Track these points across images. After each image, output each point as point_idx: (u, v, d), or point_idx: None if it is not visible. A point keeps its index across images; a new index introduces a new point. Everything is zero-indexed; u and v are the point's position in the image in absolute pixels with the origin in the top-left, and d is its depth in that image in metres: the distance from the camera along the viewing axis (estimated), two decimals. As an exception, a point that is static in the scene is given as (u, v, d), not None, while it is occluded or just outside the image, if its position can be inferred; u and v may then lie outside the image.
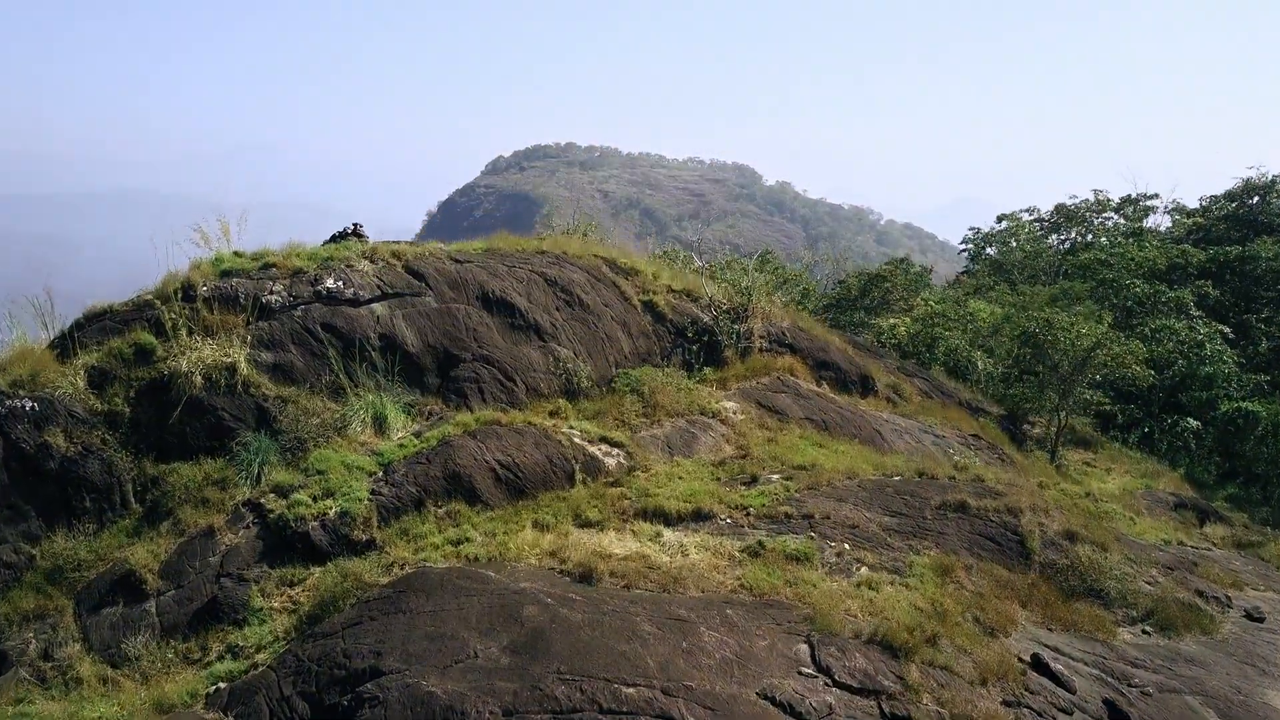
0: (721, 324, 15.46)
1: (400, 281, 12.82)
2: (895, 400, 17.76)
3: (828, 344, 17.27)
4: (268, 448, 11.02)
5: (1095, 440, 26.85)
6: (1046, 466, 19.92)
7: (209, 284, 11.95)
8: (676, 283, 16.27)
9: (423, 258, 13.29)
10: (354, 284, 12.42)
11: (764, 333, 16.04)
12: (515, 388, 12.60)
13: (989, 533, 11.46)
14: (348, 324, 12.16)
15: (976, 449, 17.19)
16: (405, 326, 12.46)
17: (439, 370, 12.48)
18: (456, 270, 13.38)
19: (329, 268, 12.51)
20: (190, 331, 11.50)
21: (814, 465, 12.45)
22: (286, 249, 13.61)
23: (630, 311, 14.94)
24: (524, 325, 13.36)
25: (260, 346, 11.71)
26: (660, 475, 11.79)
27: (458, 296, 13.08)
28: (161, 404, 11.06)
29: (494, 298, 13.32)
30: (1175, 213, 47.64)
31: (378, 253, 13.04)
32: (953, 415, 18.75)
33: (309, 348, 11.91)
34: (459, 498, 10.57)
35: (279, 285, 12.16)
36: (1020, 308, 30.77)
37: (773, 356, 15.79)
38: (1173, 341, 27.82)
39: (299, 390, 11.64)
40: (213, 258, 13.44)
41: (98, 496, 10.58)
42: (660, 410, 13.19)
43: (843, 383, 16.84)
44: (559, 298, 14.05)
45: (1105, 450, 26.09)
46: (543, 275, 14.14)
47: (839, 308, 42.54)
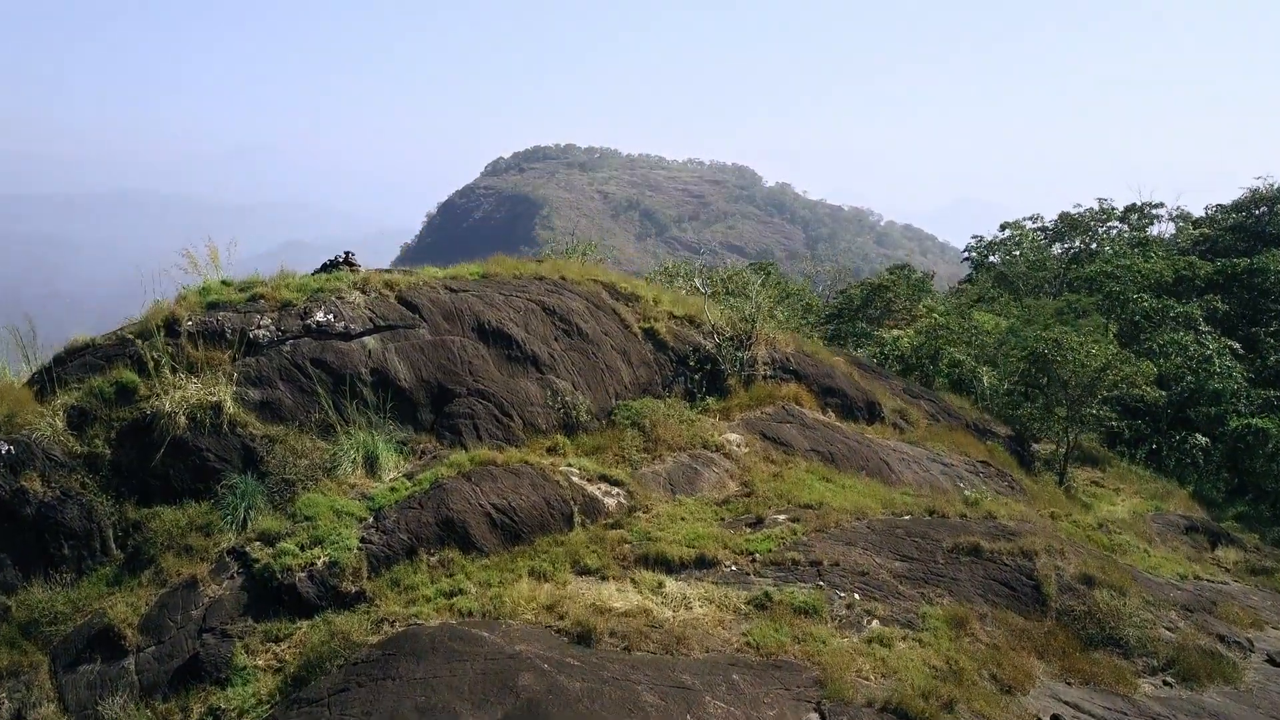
0: (724, 352, 15.04)
1: (393, 313, 12.40)
2: (902, 426, 17.33)
3: (833, 369, 16.85)
4: (254, 491, 10.60)
5: (1102, 457, 26.46)
6: (1055, 491, 19.51)
7: (194, 318, 11.54)
8: (678, 308, 15.85)
9: (416, 288, 12.87)
10: (345, 317, 12.00)
11: (768, 359, 15.61)
12: (512, 423, 12.19)
13: (1003, 578, 11.05)
14: (338, 359, 11.74)
15: (985, 477, 16.77)
16: (398, 360, 12.04)
17: (433, 406, 12.07)
18: (451, 300, 12.96)
19: (319, 300, 12.09)
20: (174, 369, 11.08)
21: (821, 504, 12.03)
22: (276, 279, 13.19)
23: (631, 340, 14.52)
24: (521, 357, 12.94)
25: (247, 383, 11.29)
26: (662, 516, 11.37)
27: (453, 328, 12.66)
28: (144, 445, 10.64)
29: (490, 328, 12.90)
30: (1179, 219, 47.26)
31: (370, 283, 12.62)
32: (960, 440, 18.32)
33: (298, 384, 11.49)
34: (452, 545, 10.15)
35: (267, 319, 11.74)
36: (1025, 321, 30.40)
37: (777, 384, 15.36)
38: (1181, 357, 27.42)
39: (287, 429, 11.22)
40: (199, 287, 13.05)
41: (76, 543, 10.16)
42: (662, 444, 12.78)
43: (849, 409, 16.42)
44: (557, 327, 13.63)
45: (1113, 468, 25.70)
46: (540, 304, 13.72)
47: (841, 317, 42.13)
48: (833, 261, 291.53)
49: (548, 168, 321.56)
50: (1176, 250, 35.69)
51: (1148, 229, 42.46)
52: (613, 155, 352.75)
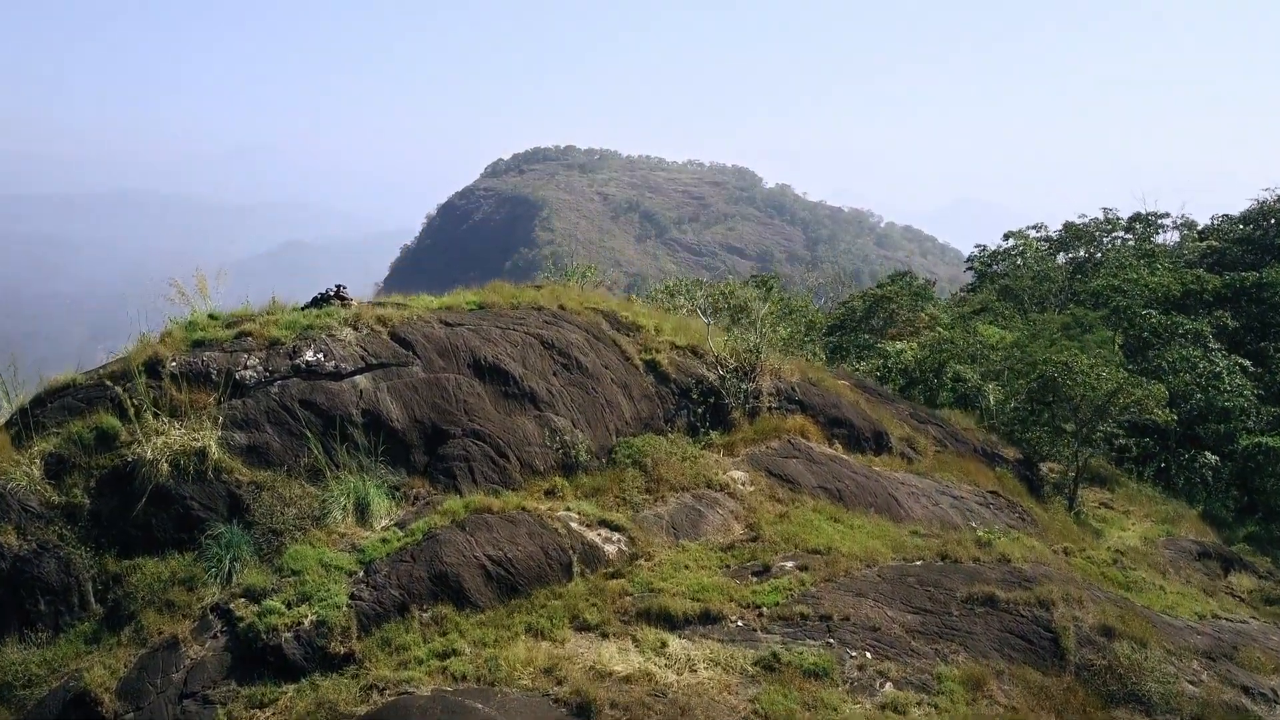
0: (728, 384, 14.61)
1: (385, 351, 11.97)
2: (910, 455, 16.90)
3: (839, 399, 16.41)
4: (240, 541, 10.17)
5: (1110, 476, 26.02)
6: (1066, 518, 19.09)
7: (178, 358, 11.10)
8: (680, 338, 15.41)
9: (410, 323, 12.43)
10: (335, 355, 11.57)
11: (773, 390, 15.18)
12: (508, 465, 11.75)
13: (1020, 630, 10.62)
14: (328, 400, 11.31)
15: (996, 509, 16.34)
16: (390, 400, 11.61)
17: (427, 447, 11.63)
18: (446, 335, 12.53)
19: (309, 338, 11.66)
20: (157, 412, 10.65)
21: (829, 549, 11.59)
22: (264, 314, 12.76)
23: (632, 373, 14.08)
24: (518, 394, 12.50)
25: (233, 427, 10.86)
26: (665, 564, 10.94)
27: (447, 365, 12.23)
28: (125, 494, 10.21)
29: (486, 364, 12.47)
30: (1183, 227, 46.83)
31: (361, 318, 12.19)
32: (969, 468, 17.89)
33: (286, 427, 11.05)
34: (446, 600, 9.72)
35: (254, 359, 11.30)
36: (1031, 335, 29.97)
37: (782, 416, 14.93)
38: (1190, 374, 27.00)
39: (275, 474, 10.79)
40: (186, 321, 12.63)
41: (53, 599, 9.72)
42: (664, 485, 12.34)
43: (856, 440, 15.99)
44: (556, 361, 13.19)
45: (1122, 488, 25.27)
46: (539, 337, 13.28)
47: (844, 329, 41.72)
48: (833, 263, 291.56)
49: (547, 169, 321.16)
50: (1183, 262, 35.25)
51: (1153, 238, 42.04)
52: (612, 156, 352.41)
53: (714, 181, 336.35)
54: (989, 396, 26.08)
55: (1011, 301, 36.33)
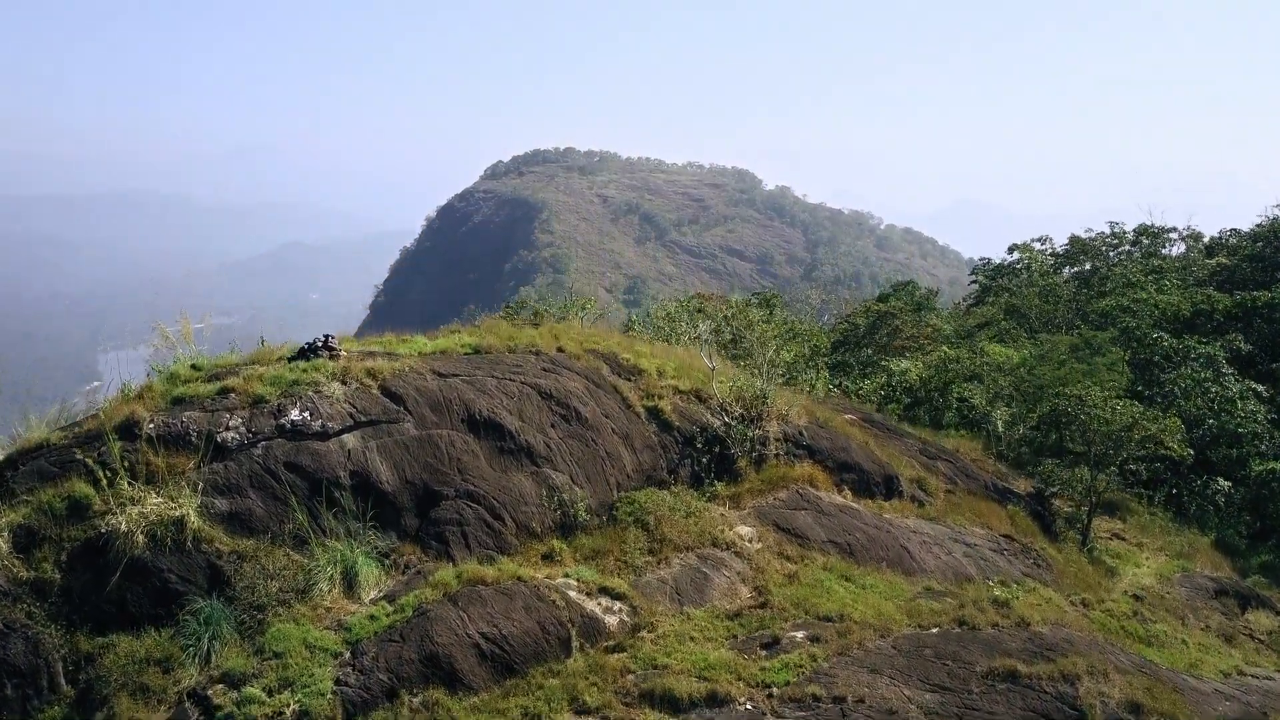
0: (734, 432, 14.05)
1: (375, 407, 11.41)
2: (921, 499, 16.35)
3: (849, 441, 15.86)
4: (220, 617, 9.60)
5: (1120, 503, 25.48)
6: (1080, 559, 18.54)
7: (156, 419, 10.54)
8: (684, 381, 14.85)
9: (401, 375, 11.87)
10: (322, 413, 11.01)
11: (780, 435, 14.63)
12: (503, 528, 11.20)
13: (1044, 709, 10.06)
14: (314, 461, 10.75)
15: (1010, 555, 15.80)
16: (380, 461, 11.05)
17: (418, 509, 11.08)
18: (439, 387, 11.97)
19: (294, 395, 11.09)
20: (133, 478, 10.09)
21: (842, 615, 11.04)
22: (250, 362, 12.20)
23: (633, 421, 13.53)
24: (515, 449, 11.95)
25: (214, 492, 10.30)
26: (669, 636, 10.38)
27: (440, 420, 11.67)
28: (98, 567, 9.65)
29: (481, 418, 11.91)
30: (1189, 239, 46.34)
31: (350, 372, 11.62)
32: (981, 508, 17.35)
33: (270, 491, 10.49)
34: (437, 683, 9.16)
35: (237, 418, 10.74)
36: (1039, 357, 29.44)
37: (790, 464, 14.38)
38: (1202, 399, 26.48)
39: (258, 543, 10.23)
40: (167, 373, 12.08)
41: (21, 682, 9.15)
42: (667, 545, 11.79)
43: (866, 485, 15.43)
44: (554, 412, 12.64)
45: (1134, 517, 24.74)
46: (536, 387, 12.72)
47: (846, 345, 41.18)
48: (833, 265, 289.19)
49: (547, 171, 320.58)
50: (1192, 279, 34.71)
51: (1160, 251, 41.53)
52: (612, 158, 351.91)
53: (714, 183, 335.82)
54: (997, 422, 25.54)
55: (1018, 320, 35.78)
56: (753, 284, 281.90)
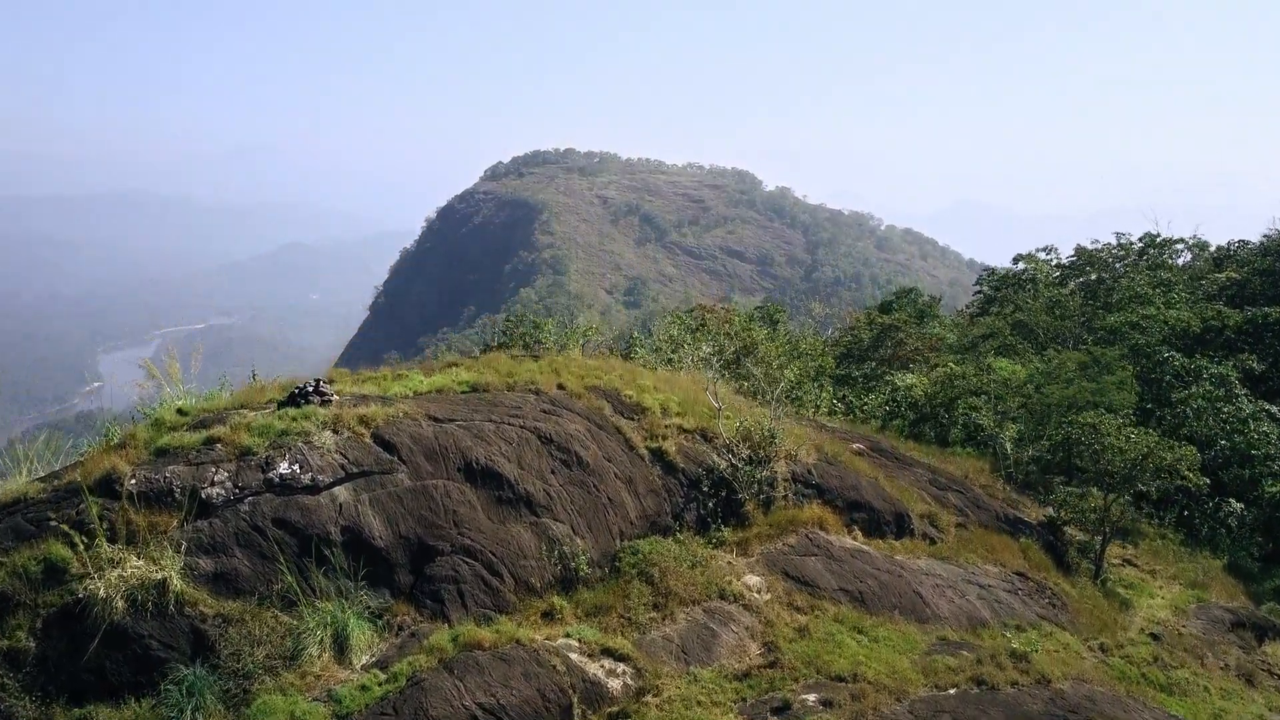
0: (741, 474, 13.57)
1: (368, 457, 10.94)
2: (932, 536, 15.88)
3: (859, 479, 15.38)
4: (204, 686, 9.12)
5: (1131, 526, 25.02)
6: (1094, 593, 18.05)
7: (138, 475, 10.06)
8: (689, 419, 14.38)
9: (395, 422, 11.39)
10: (312, 466, 10.54)
11: (788, 475, 14.17)
12: (501, 585, 10.73)
13: (1069, 780, 9.62)
14: (304, 517, 10.28)
15: (1025, 595, 15.32)
16: (373, 515, 10.58)
17: (412, 566, 10.61)
18: (435, 434, 11.49)
19: (283, 446, 10.62)
20: (113, 538, 9.62)
21: (855, 675, 10.58)
22: (238, 409, 11.73)
23: (637, 464, 13.06)
24: (513, 498, 11.48)
25: (199, 551, 9.83)
26: (675, 701, 9.91)
27: (436, 469, 11.20)
28: (76, 635, 9.17)
29: (479, 467, 11.44)
30: (1195, 248, 45.86)
31: (342, 420, 11.14)
32: (993, 543, 16.88)
33: (257, 550, 10.02)
34: (432, 761, 8.70)
35: (223, 472, 10.27)
36: (1047, 375, 28.98)
37: (799, 506, 13.91)
38: (1214, 419, 26.00)
39: (244, 605, 9.75)
40: (152, 419, 11.62)
41: (-7, 759, 8.70)
42: (673, 599, 11.32)
43: (876, 524, 14.97)
44: (555, 458, 12.16)
45: (1145, 542, 24.26)
46: (536, 431, 12.25)
47: (850, 358, 40.68)
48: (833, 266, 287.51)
49: (547, 172, 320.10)
50: (1201, 294, 34.21)
51: (1166, 262, 41.03)
52: (612, 159, 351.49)
53: (714, 184, 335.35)
54: (1006, 444, 25.07)
55: (1025, 336, 35.28)
56: (753, 285, 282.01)
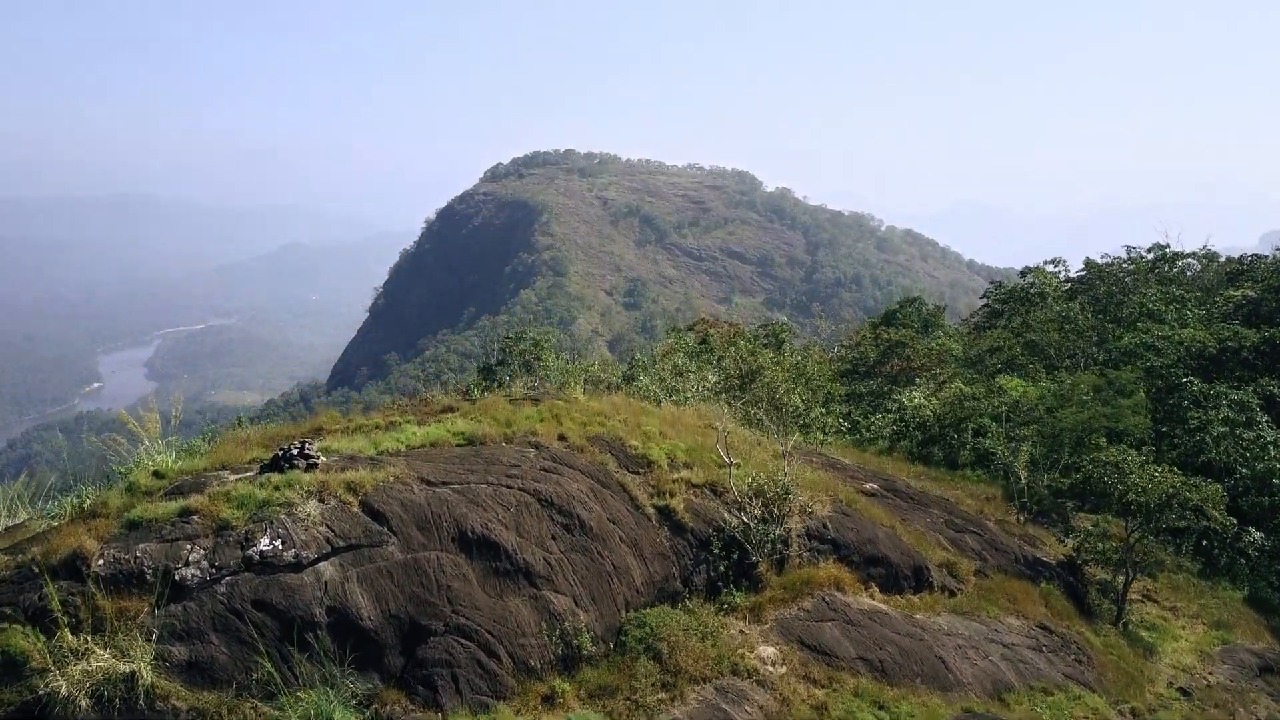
0: (754, 533, 12.83)
1: (356, 529, 10.19)
2: (952, 588, 15.16)
3: (875, 530, 14.64)
4: (175, 792, 8.41)
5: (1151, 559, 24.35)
6: (1119, 641, 17.35)
7: (106, 554, 9.33)
8: (697, 473, 13.63)
9: (386, 489, 10.64)
10: (295, 541, 9.80)
11: (802, 530, 13.43)
12: (499, 668, 9.98)
13: None
14: (286, 598, 9.54)
15: (1050, 651, 14.59)
16: (361, 593, 9.84)
17: (403, 647, 9.87)
18: (428, 500, 10.75)
19: (264, 520, 9.87)
20: (77, 628, 8.88)
21: (878, 763, 9.86)
22: (218, 470, 11.00)
23: (643, 525, 12.32)
24: (511, 569, 10.74)
25: (172, 639, 9.08)
26: (685, 800, 9.19)
27: (429, 540, 10.46)
28: (35, 735, 8.45)
29: (474, 536, 10.69)
30: (1204, 259, 45.17)
31: (328, 487, 10.40)
32: (1013, 591, 16.16)
33: (235, 635, 9.28)
34: None
35: (199, 550, 9.53)
36: (1060, 397, 28.27)
37: (814, 564, 13.18)
38: (1234, 446, 25.28)
39: (221, 696, 9.01)
40: (125, 484, 10.89)
41: None
42: (682, 677, 10.58)
43: (894, 579, 14.23)
44: (555, 522, 11.42)
45: (1164, 576, 23.53)
46: (535, 494, 11.50)
47: (855, 374, 39.97)
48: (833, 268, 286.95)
49: (547, 173, 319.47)
50: (1216, 312, 33.47)
51: (1179, 277, 40.31)
52: (612, 160, 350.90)
53: (714, 185, 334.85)
54: (1020, 472, 24.33)
55: (1036, 354, 34.53)
56: (753, 286, 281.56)
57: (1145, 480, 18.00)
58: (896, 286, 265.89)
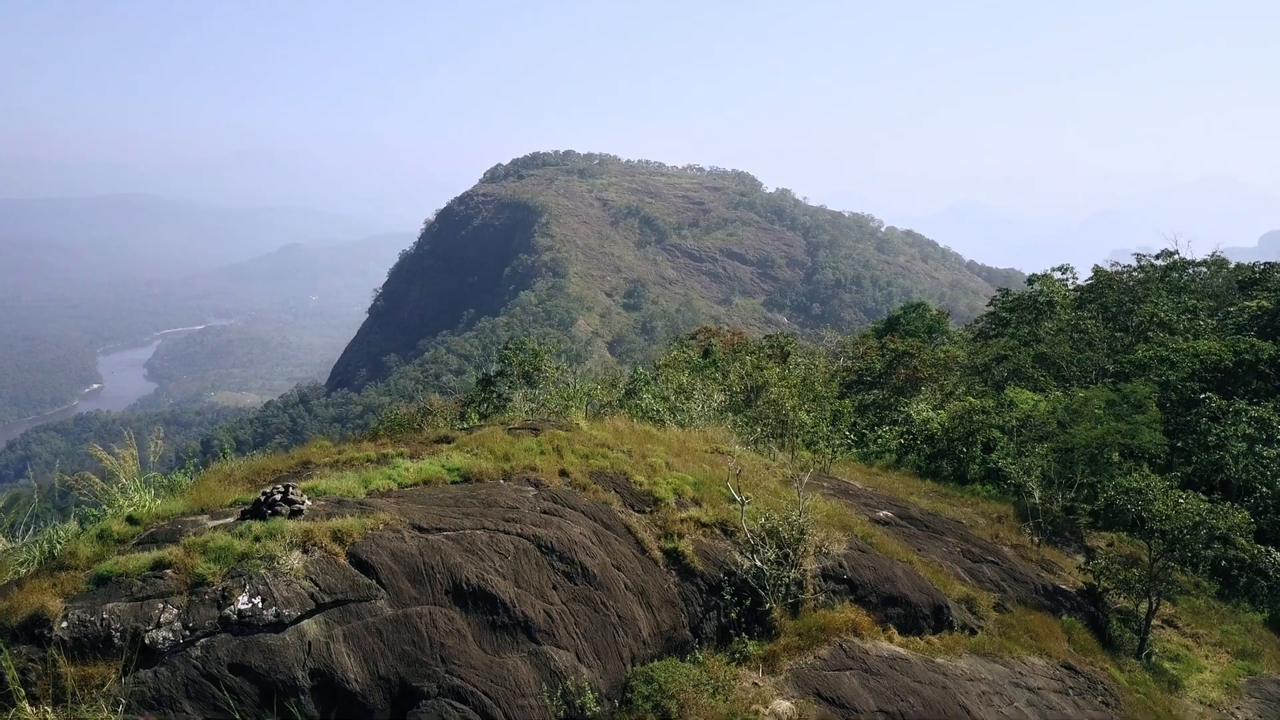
0: (767, 578, 12.12)
1: (342, 583, 9.48)
2: (972, 625, 14.45)
3: (893, 568, 13.93)
4: None
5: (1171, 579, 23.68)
6: (1145, 678, 16.68)
7: (72, 616, 8.62)
8: (707, 510, 12.92)
9: (375, 537, 9.93)
10: (276, 598, 9.09)
11: (817, 571, 12.72)
12: (497, 734, 9.28)
13: None
14: (266, 660, 8.83)
15: (1077, 694, 13.88)
16: (347, 653, 9.14)
17: (393, 711, 9.16)
18: (420, 549, 10.03)
19: (243, 575, 9.16)
20: (36, 698, 8.18)
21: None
22: (196, 514, 10.30)
23: (650, 570, 11.61)
24: (509, 623, 10.03)
25: (141, 707, 8.37)
26: None
27: (420, 593, 9.75)
28: (-11, 820, 7.76)
29: (469, 588, 9.98)
30: (1213, 265, 44.50)
31: (313, 537, 9.68)
32: (1035, 626, 15.45)
33: (210, 701, 8.57)
34: None
35: (171, 610, 8.82)
36: (1072, 412, 27.57)
37: (830, 609, 12.47)
38: (1254, 464, 24.59)
39: (194, 771, 8.32)
40: (97, 529, 10.19)
41: None
42: (692, 738, 9.87)
43: (913, 619, 13.53)
44: (556, 569, 10.71)
45: (1183, 600, 22.84)
46: (535, 540, 10.79)
47: (861, 384, 39.28)
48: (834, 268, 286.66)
49: (547, 175, 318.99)
50: (1231, 323, 32.76)
51: (1189, 286, 39.61)
52: (612, 161, 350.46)
53: (714, 186, 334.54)
54: (1034, 492, 23.64)
55: (1046, 366, 33.81)
56: (753, 287, 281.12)
57: (1170, 507, 17.31)
58: (897, 287, 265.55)
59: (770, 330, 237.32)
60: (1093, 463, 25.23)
